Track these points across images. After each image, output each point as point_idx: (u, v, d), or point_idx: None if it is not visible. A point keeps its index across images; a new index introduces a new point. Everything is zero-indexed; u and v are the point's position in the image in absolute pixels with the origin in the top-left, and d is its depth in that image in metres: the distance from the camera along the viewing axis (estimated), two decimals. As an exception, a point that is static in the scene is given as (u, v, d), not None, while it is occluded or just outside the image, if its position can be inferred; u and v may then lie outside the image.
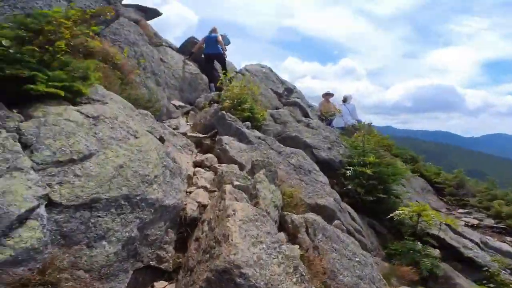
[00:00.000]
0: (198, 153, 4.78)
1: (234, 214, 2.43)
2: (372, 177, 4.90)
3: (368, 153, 5.43)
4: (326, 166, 5.42)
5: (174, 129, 5.09)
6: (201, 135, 5.03)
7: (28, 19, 2.65)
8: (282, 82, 9.93)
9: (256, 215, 2.56)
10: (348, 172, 5.25)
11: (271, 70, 10.17)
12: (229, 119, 4.93)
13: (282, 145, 5.15)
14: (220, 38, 8.47)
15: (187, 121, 6.28)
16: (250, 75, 9.22)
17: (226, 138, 4.54)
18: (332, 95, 10.49)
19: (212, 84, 8.41)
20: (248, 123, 5.35)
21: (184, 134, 4.95)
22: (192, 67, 8.10)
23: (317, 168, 4.97)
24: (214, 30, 8.70)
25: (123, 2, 9.31)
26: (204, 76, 8.30)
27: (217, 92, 8.04)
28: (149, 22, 10.08)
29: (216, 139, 4.63)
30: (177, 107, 6.49)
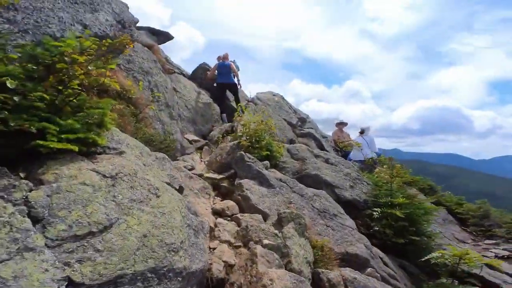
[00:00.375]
0: (215, 197, 4.41)
1: (271, 284, 2.27)
2: (402, 219, 4.56)
3: (395, 193, 5.09)
4: (349, 206, 5.09)
5: (189, 169, 4.71)
6: (218, 176, 4.64)
7: (38, 49, 2.32)
8: (295, 111, 9.68)
9: (294, 282, 2.43)
10: (375, 213, 4.88)
11: (283, 98, 9.94)
12: (249, 160, 4.57)
13: (303, 186, 4.82)
14: (233, 66, 8.28)
15: (201, 158, 5.91)
16: (263, 104, 8.97)
17: (246, 183, 4.16)
18: (345, 124, 10.18)
19: (224, 115, 8.12)
20: (267, 162, 4.98)
21: (201, 175, 4.57)
22: (205, 96, 7.84)
23: (342, 211, 4.71)
24: (225, 57, 8.52)
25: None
26: (216, 106, 8.02)
27: (230, 123, 7.73)
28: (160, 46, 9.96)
29: (236, 183, 4.25)
30: (190, 142, 6.14)
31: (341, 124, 10.11)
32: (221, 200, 4.30)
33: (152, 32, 9.36)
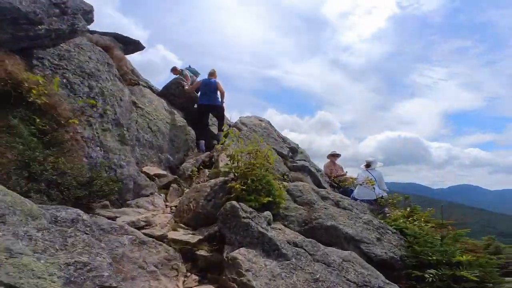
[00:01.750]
0: (187, 274, 2.58)
1: None
2: (472, 281, 3.37)
3: (450, 247, 3.82)
4: (382, 267, 3.57)
5: (144, 226, 2.85)
6: (192, 238, 2.80)
7: None
8: (284, 139, 8.15)
9: None
10: (427, 276, 3.47)
11: (271, 124, 8.41)
12: (246, 215, 2.80)
13: (326, 250, 3.11)
14: (221, 85, 6.67)
15: (166, 201, 4.04)
16: (248, 130, 7.35)
17: (244, 256, 2.38)
18: (339, 155, 8.78)
19: (202, 142, 6.35)
20: (268, 214, 3.24)
21: (163, 237, 2.72)
22: (177, 117, 6.05)
23: (386, 280, 3.17)
24: (212, 74, 6.90)
25: (98, 29, 7.48)
26: (191, 130, 6.25)
27: (208, 153, 5.96)
28: (130, 57, 8.21)
29: (226, 255, 2.44)
30: (151, 177, 4.26)
31: (333, 156, 8.68)
32: (197, 284, 2.49)
33: (118, 38, 7.65)
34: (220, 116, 6.81)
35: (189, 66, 8.83)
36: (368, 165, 6.85)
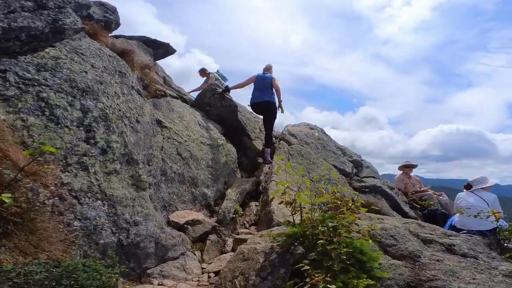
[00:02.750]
0: None
1: None
2: None
3: None
4: None
5: None
6: None
7: None
8: (342, 150, 6.58)
9: None
10: None
11: (325, 133, 6.88)
12: None
13: None
14: (277, 81, 5.38)
15: (202, 262, 2.80)
16: (299, 142, 5.92)
17: None
18: (414, 166, 6.96)
19: (268, 150, 5.29)
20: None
21: None
22: (215, 133, 4.81)
23: None
24: (268, 69, 5.63)
25: (126, 34, 6.55)
26: (232, 148, 4.99)
27: (254, 178, 4.64)
28: (166, 63, 7.23)
29: None
30: (182, 227, 3.03)
31: (407, 167, 6.87)
32: None
33: (147, 42, 6.70)
34: (269, 119, 5.44)
35: (217, 71, 7.74)
36: (468, 186, 5.03)
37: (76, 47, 2.76)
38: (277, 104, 5.35)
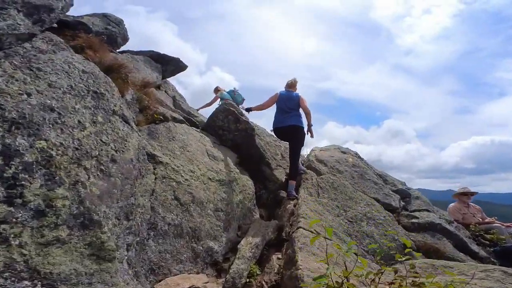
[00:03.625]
0: None
1: None
2: None
3: None
4: None
5: None
6: None
7: None
8: (383, 178, 5.41)
9: None
10: None
11: (360, 158, 5.79)
12: None
13: None
14: (305, 102, 4.52)
15: None
16: (329, 170, 4.87)
17: None
18: (474, 193, 5.74)
19: (293, 184, 4.37)
20: None
21: None
22: (227, 165, 3.90)
23: None
24: (292, 85, 4.80)
25: (135, 49, 5.98)
26: (249, 182, 4.05)
27: (275, 222, 3.62)
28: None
29: None
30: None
31: (465, 195, 5.66)
32: None
33: (155, 57, 6.06)
34: (296, 146, 4.48)
35: (234, 89, 6.95)
36: None
37: (30, 60, 2.00)
38: (305, 129, 4.41)
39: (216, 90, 7.05)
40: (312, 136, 4.46)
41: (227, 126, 4.65)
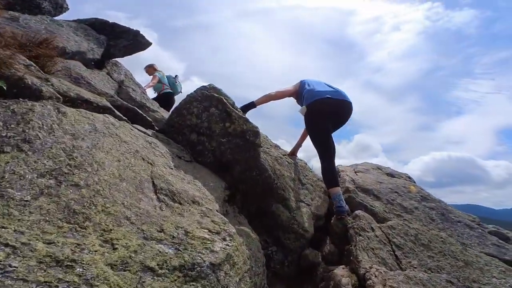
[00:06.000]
0: None
1: None
2: None
3: None
4: None
5: None
6: None
7: None
8: (473, 218, 3.30)
9: None
10: None
11: (414, 181, 3.69)
12: None
13: None
14: None
15: None
16: (388, 209, 2.73)
17: None
18: None
19: (339, 194, 2.55)
20: None
21: None
22: (206, 210, 1.58)
23: None
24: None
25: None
26: (254, 245, 1.74)
27: None
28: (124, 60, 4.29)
29: None
30: None
31: None
32: None
33: (98, 26, 3.77)
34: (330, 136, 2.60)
35: (176, 76, 5.77)
36: None
37: None
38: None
39: (153, 68, 5.09)
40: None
41: (206, 126, 2.37)
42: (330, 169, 2.56)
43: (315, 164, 3.76)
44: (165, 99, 5.14)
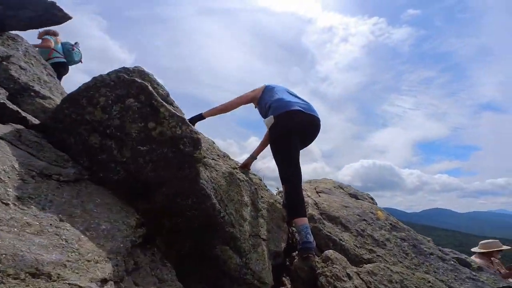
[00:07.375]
0: None
1: None
2: None
3: None
4: None
5: None
6: None
7: None
8: (445, 250, 2.93)
9: None
10: None
11: (375, 202, 3.25)
12: None
13: None
14: None
15: None
16: (359, 243, 2.18)
17: None
18: (500, 251, 3.82)
19: (305, 226, 1.81)
20: None
21: None
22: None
23: None
24: None
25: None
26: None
27: None
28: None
29: None
30: None
31: (496, 253, 3.72)
32: None
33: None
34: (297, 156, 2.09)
35: (75, 43, 4.77)
36: None
37: None
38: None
39: (45, 32, 4.24)
40: None
41: (118, 125, 1.51)
42: (297, 195, 1.93)
43: (267, 172, 3.12)
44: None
